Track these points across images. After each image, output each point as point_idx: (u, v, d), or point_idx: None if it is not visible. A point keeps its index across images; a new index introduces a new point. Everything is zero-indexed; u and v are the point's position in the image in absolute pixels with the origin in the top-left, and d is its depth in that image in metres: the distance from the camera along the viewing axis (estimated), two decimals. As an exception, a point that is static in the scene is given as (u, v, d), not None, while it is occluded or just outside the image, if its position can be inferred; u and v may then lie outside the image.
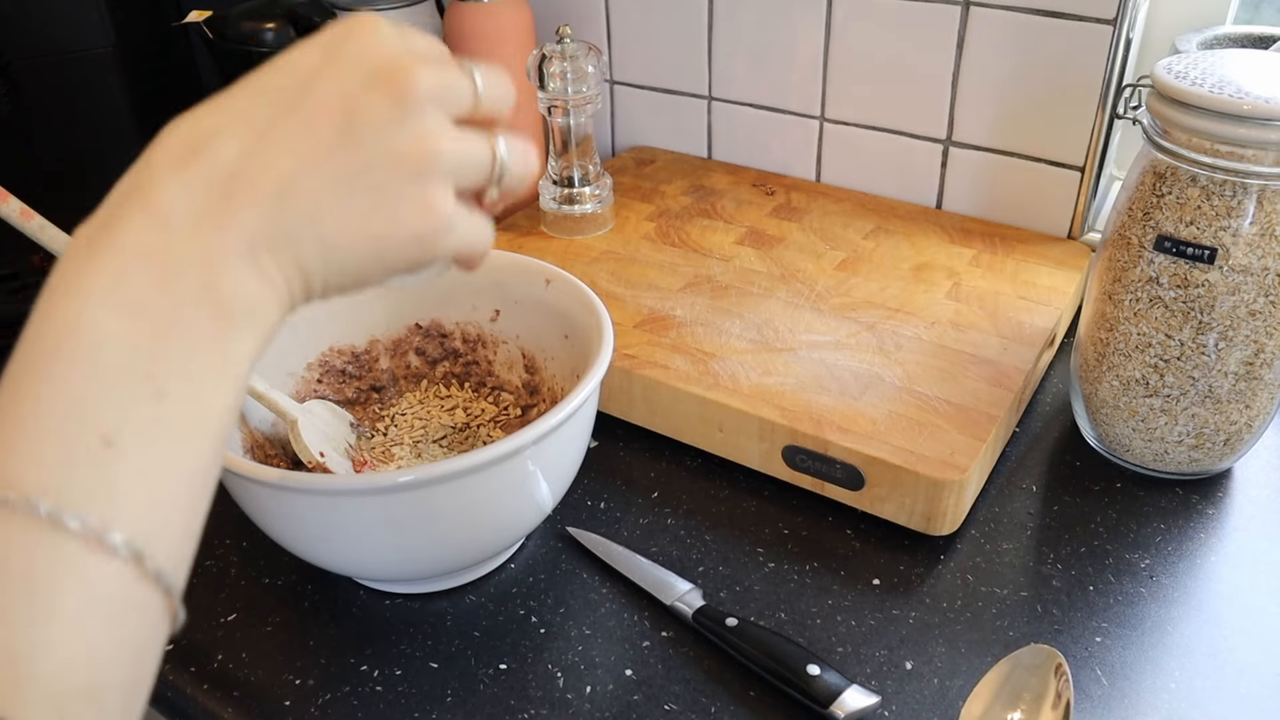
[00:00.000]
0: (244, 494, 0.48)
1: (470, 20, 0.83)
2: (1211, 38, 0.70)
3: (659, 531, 0.58)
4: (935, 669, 0.49)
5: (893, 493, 0.56)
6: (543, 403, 0.61)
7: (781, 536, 0.57)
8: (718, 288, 0.72)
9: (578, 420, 0.50)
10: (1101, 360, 0.59)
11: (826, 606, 0.53)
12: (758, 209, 0.83)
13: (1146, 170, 0.55)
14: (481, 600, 0.54)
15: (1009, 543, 0.57)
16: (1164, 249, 0.54)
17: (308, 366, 0.61)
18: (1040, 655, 0.46)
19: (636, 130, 0.97)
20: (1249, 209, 0.51)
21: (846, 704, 0.46)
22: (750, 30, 0.85)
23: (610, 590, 0.54)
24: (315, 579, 0.56)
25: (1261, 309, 0.53)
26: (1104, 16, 0.69)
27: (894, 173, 0.84)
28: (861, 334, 0.66)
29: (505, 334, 0.63)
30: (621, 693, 0.49)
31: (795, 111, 0.87)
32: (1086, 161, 0.75)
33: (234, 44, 0.71)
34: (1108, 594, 0.53)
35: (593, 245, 0.78)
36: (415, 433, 0.62)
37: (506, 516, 0.50)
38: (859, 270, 0.73)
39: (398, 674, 0.50)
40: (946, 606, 0.53)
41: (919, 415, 0.58)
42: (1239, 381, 0.55)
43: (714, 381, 0.62)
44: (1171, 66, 0.53)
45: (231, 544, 0.58)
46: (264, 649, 0.52)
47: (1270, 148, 0.49)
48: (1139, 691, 0.48)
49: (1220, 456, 0.59)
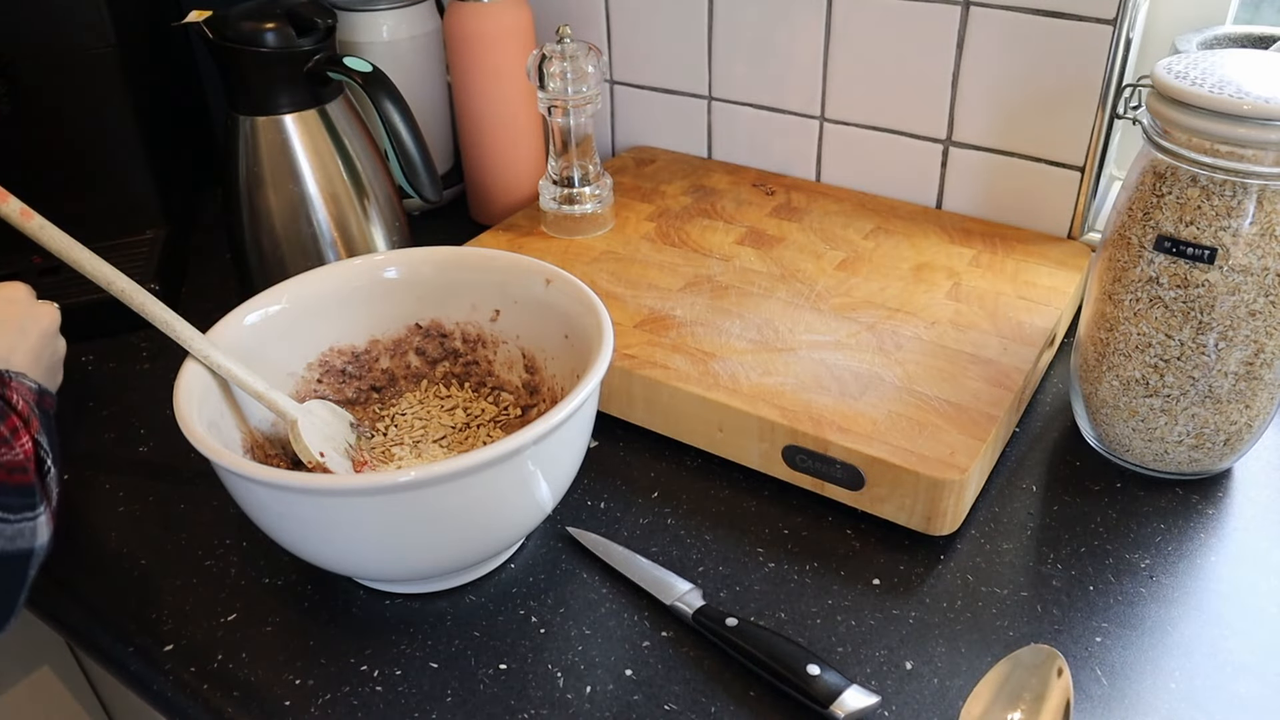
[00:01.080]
0: (244, 494, 0.48)
1: (470, 20, 0.83)
2: (1211, 38, 0.70)
3: (659, 531, 0.58)
4: (935, 669, 0.49)
5: (893, 493, 0.56)
6: (543, 403, 0.61)
7: (781, 536, 0.57)
8: (718, 288, 0.72)
9: (578, 420, 0.50)
10: (1101, 360, 0.59)
11: (826, 606, 0.53)
12: (758, 209, 0.83)
13: (1146, 170, 0.55)
14: (481, 600, 0.54)
15: (1009, 543, 0.57)
16: (1164, 249, 0.54)
17: (308, 366, 0.61)
18: (1040, 655, 0.46)
19: (636, 130, 0.97)
20: (1249, 209, 0.51)
21: (846, 704, 0.46)
22: (750, 30, 0.85)
23: (610, 590, 0.54)
24: (315, 579, 0.56)
25: (1261, 309, 0.53)
26: (1104, 16, 0.69)
27: (894, 173, 0.84)
28: (861, 334, 0.66)
29: (505, 334, 0.63)
30: (621, 693, 0.49)
31: (795, 111, 0.87)
32: (1086, 161, 0.75)
33: (234, 44, 0.71)
34: (1108, 594, 0.53)
35: (593, 245, 0.78)
36: (415, 433, 0.62)
37: (506, 516, 0.50)
38: (859, 270, 0.73)
39: (398, 674, 0.50)
40: (946, 606, 0.53)
41: (919, 415, 0.58)
42: (1239, 381, 0.55)
43: (714, 381, 0.62)
44: (1171, 66, 0.53)
45: (231, 544, 0.58)
46: (264, 649, 0.52)
47: (1270, 148, 0.49)
48: (1139, 691, 0.48)
49: (1220, 456, 0.59)
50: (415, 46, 0.91)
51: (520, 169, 0.90)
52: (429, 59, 0.93)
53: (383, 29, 0.89)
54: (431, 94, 0.95)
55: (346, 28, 0.88)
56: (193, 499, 0.62)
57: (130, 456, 0.66)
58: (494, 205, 0.91)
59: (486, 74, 0.85)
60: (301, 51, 0.72)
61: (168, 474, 0.64)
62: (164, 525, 0.60)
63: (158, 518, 0.61)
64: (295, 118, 0.74)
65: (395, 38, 0.90)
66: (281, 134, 0.73)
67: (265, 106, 0.73)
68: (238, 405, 0.56)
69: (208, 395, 0.53)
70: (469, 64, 0.85)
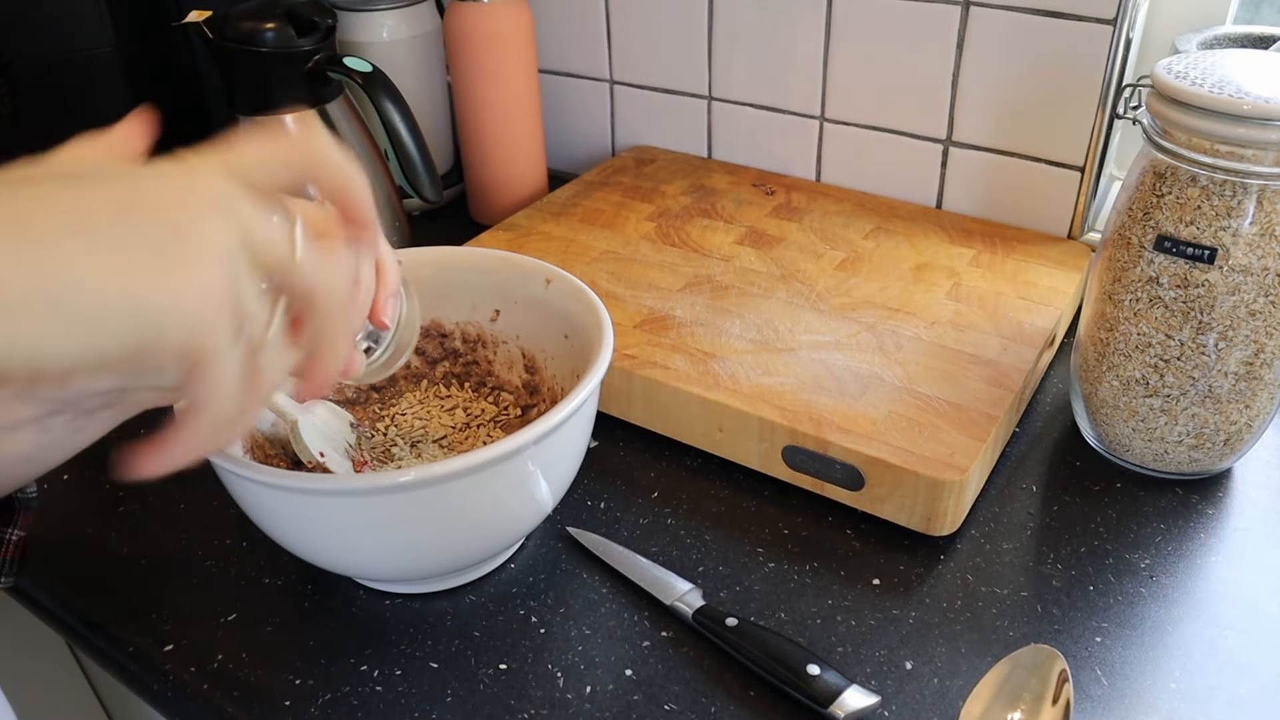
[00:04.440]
0: (244, 494, 0.48)
1: (470, 20, 0.83)
2: (1211, 38, 0.70)
3: (659, 531, 0.58)
4: (935, 669, 0.49)
5: (893, 493, 0.56)
6: (543, 403, 0.61)
7: (781, 536, 0.57)
8: (718, 288, 0.72)
9: (578, 420, 0.50)
10: (1101, 360, 0.59)
11: (826, 606, 0.53)
12: (758, 209, 0.83)
13: (1146, 170, 0.55)
14: (481, 600, 0.54)
15: (1009, 543, 0.57)
16: (1164, 249, 0.54)
17: (308, 366, 0.61)
18: (1040, 655, 0.46)
19: (636, 130, 0.97)
20: (1249, 209, 0.51)
21: (846, 704, 0.46)
22: (750, 30, 0.85)
23: (610, 590, 0.54)
24: (315, 579, 0.56)
25: (1261, 309, 0.53)
26: (1104, 16, 0.69)
27: (894, 173, 0.84)
28: (861, 334, 0.66)
29: (505, 334, 0.63)
30: (621, 693, 0.49)
31: (795, 111, 0.87)
32: (1086, 161, 0.75)
33: (234, 44, 0.71)
34: (1108, 594, 0.53)
35: (593, 245, 0.78)
36: (415, 433, 0.62)
37: (506, 516, 0.50)
38: (859, 270, 0.73)
39: (398, 674, 0.50)
40: (946, 606, 0.53)
41: (919, 415, 0.58)
42: (1239, 381, 0.55)
43: (714, 381, 0.62)
44: (1171, 66, 0.53)
45: (231, 544, 0.58)
46: (264, 649, 0.52)
47: (1270, 148, 0.49)
48: (1139, 691, 0.48)
49: (1220, 456, 0.59)
50: (415, 46, 0.91)
51: (520, 169, 0.90)
52: (429, 59, 0.93)
53: (383, 29, 0.89)
54: (431, 94, 0.95)
55: (346, 28, 0.88)
56: (193, 499, 0.62)
57: (130, 456, 0.66)
58: (494, 205, 0.91)
59: (486, 74, 0.85)
60: (301, 51, 0.72)
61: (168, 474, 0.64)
62: (164, 525, 0.60)
63: (158, 518, 0.61)
64: (295, 118, 0.74)
65: (395, 38, 0.90)
66: (281, 134, 0.73)
67: (265, 106, 0.73)
68: (238, 405, 0.56)
69: (208, 395, 0.53)
70: (469, 64, 0.85)
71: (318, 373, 0.34)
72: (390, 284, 0.40)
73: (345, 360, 0.35)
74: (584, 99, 0.99)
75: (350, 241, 0.36)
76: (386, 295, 0.40)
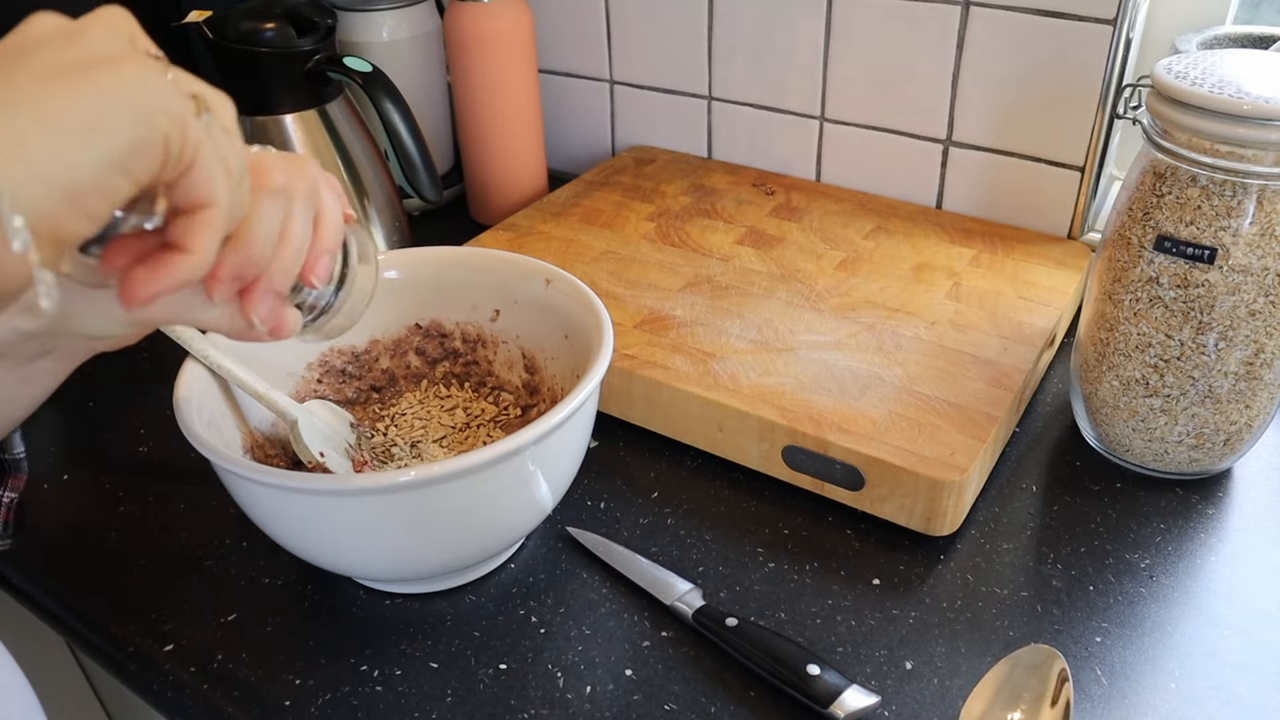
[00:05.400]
0: (244, 494, 0.48)
1: (470, 20, 0.83)
2: (1211, 38, 0.70)
3: (659, 531, 0.58)
4: (935, 669, 0.49)
5: (893, 493, 0.56)
6: (543, 403, 0.61)
7: (781, 536, 0.57)
8: (718, 288, 0.72)
9: (578, 420, 0.50)
10: (1101, 360, 0.59)
11: (826, 606, 0.53)
12: (758, 209, 0.83)
13: (1146, 170, 0.55)
14: (481, 600, 0.54)
15: (1009, 543, 0.57)
16: (1164, 249, 0.54)
17: (308, 366, 0.61)
18: (1040, 655, 0.46)
19: (636, 130, 0.97)
20: (1249, 209, 0.51)
21: (846, 704, 0.46)
22: (750, 30, 0.85)
23: (610, 590, 0.54)
24: (315, 579, 0.56)
25: (1261, 309, 0.53)
26: (1104, 16, 0.69)
27: (894, 173, 0.84)
28: (861, 334, 0.66)
29: (505, 334, 0.63)
30: (621, 693, 0.49)
31: (795, 111, 0.87)
32: (1086, 161, 0.75)
33: (234, 44, 0.71)
34: (1108, 594, 0.53)
35: (593, 245, 0.78)
36: (415, 433, 0.62)
37: (506, 516, 0.50)
38: (859, 270, 0.73)
39: (398, 674, 0.50)
40: (946, 606, 0.53)
41: (919, 415, 0.58)
42: (1239, 381, 0.55)
43: (714, 381, 0.62)
44: (1171, 66, 0.53)
45: (231, 544, 0.58)
46: (264, 649, 0.52)
47: (1270, 148, 0.49)
48: (1139, 691, 0.48)
49: (1220, 456, 0.59)
50: (415, 46, 0.91)
51: (520, 169, 0.90)
52: (429, 59, 0.93)
53: (383, 29, 0.89)
54: (431, 94, 0.95)
55: (346, 28, 0.88)
56: (193, 499, 0.62)
57: (130, 456, 0.66)
58: (494, 205, 0.91)
59: (486, 74, 0.85)
60: (301, 51, 0.72)
61: (168, 474, 0.64)
62: (164, 525, 0.60)
63: (158, 518, 0.61)
64: (295, 118, 0.74)
65: (395, 38, 0.90)
66: (281, 134, 0.73)
67: (265, 106, 0.73)
68: (238, 405, 0.56)
69: (208, 395, 0.53)
70: (469, 64, 0.85)
71: (162, 266, 0.31)
72: (324, 241, 0.39)
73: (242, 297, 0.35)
74: (584, 99, 0.99)
75: (282, 188, 0.36)
76: (319, 253, 0.39)
